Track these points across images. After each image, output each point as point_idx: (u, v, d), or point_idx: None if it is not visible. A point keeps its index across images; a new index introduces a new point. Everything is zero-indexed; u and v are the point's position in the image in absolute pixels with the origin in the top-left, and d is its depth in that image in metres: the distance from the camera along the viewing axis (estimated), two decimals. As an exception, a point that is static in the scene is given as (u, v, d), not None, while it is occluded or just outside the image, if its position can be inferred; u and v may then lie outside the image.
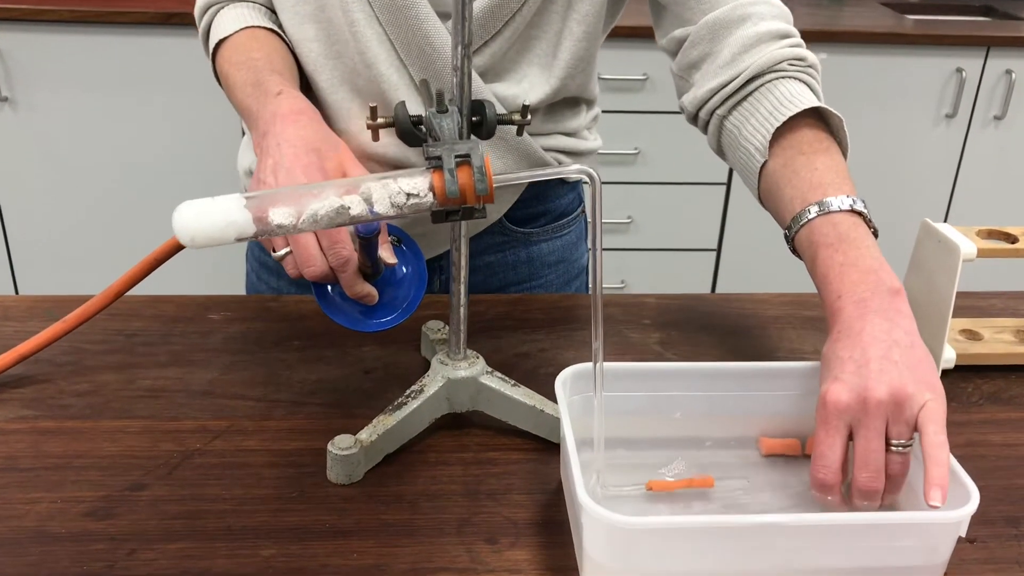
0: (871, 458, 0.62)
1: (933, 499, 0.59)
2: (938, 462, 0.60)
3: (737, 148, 0.82)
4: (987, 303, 1.02)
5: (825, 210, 0.72)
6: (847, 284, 0.68)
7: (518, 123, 0.68)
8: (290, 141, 0.70)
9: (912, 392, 0.62)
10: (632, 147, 2.27)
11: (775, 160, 0.78)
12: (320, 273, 0.68)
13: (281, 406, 0.80)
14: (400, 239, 0.74)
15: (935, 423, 0.62)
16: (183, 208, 0.52)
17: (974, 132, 2.33)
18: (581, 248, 1.11)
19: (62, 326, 0.81)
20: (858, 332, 0.65)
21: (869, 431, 0.62)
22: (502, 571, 0.63)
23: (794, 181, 0.75)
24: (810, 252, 0.72)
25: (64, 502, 0.68)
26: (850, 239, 0.70)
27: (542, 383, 0.80)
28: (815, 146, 0.77)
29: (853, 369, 0.63)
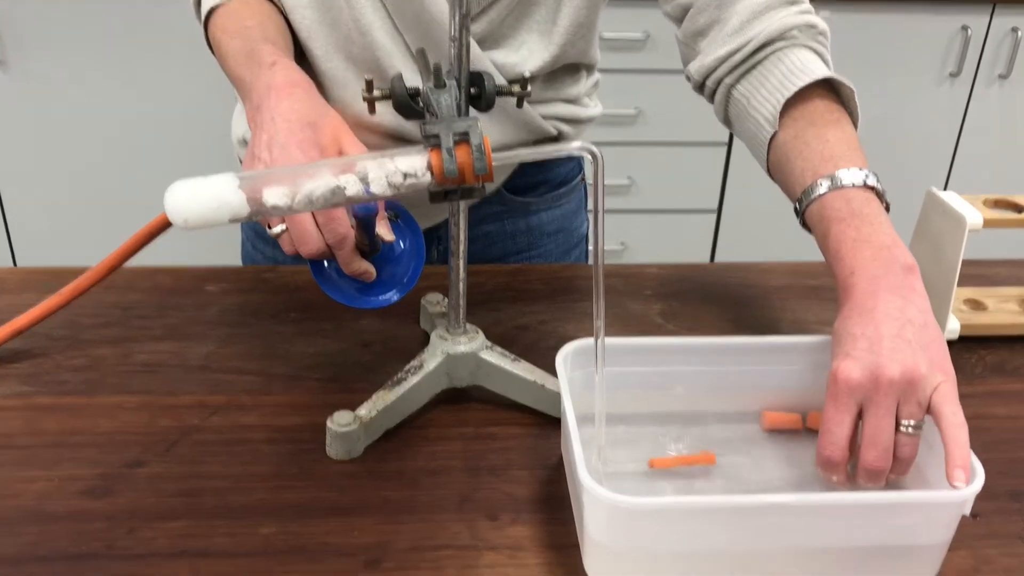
0: (880, 438, 0.61)
1: (957, 480, 0.58)
2: (959, 443, 0.59)
3: (746, 119, 0.80)
4: (992, 271, 1.01)
5: (837, 184, 0.71)
6: (860, 260, 0.67)
7: (518, 95, 0.66)
8: (284, 115, 0.68)
9: (925, 373, 0.61)
10: (632, 108, 2.25)
11: (785, 131, 0.77)
12: (316, 251, 0.67)
13: (279, 380, 0.79)
14: (397, 214, 0.73)
15: (951, 403, 0.61)
16: (175, 189, 0.51)
17: (978, 91, 2.30)
18: (581, 217, 1.09)
19: (57, 300, 0.80)
20: (871, 309, 0.64)
21: (879, 410, 0.61)
22: (503, 548, 0.63)
23: (805, 153, 0.74)
24: (822, 227, 0.71)
25: (61, 480, 0.67)
26: (863, 215, 0.69)
27: (543, 356, 0.80)
28: (826, 117, 0.75)
29: (866, 346, 0.62)
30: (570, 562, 0.62)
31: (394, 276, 0.73)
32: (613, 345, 0.69)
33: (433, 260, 1.01)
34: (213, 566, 0.61)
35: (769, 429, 0.73)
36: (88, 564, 0.61)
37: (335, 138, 0.69)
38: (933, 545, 0.60)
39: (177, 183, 0.51)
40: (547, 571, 0.61)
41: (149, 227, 0.76)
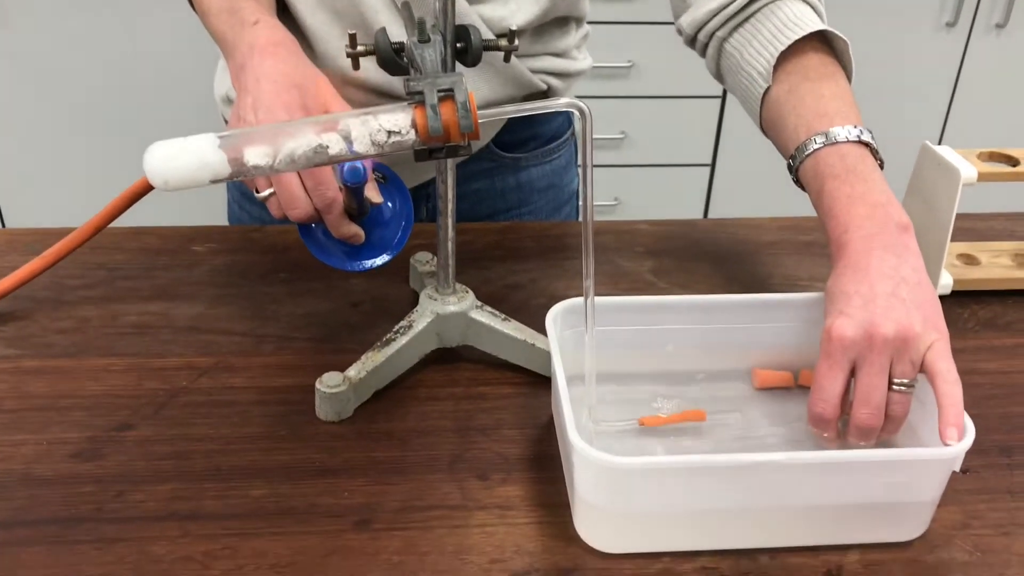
0: (873, 395, 0.61)
1: (949, 438, 0.58)
2: (953, 401, 0.59)
3: (738, 73, 0.79)
4: (986, 225, 1.00)
5: (832, 140, 0.70)
6: (854, 218, 0.66)
7: (505, 49, 0.65)
8: (269, 76, 0.67)
9: (919, 331, 0.61)
10: (625, 60, 2.22)
11: (779, 86, 0.75)
12: (305, 215, 0.66)
13: (268, 341, 0.78)
14: (385, 176, 0.72)
15: (945, 361, 0.61)
16: (153, 150, 0.50)
17: (974, 42, 2.28)
18: (572, 172, 1.08)
19: (40, 262, 0.79)
20: (865, 267, 0.64)
21: (873, 367, 0.61)
22: (493, 507, 0.63)
23: (799, 109, 0.73)
24: (815, 184, 0.70)
25: (50, 444, 0.67)
26: (857, 172, 0.68)
27: (533, 315, 0.79)
28: (820, 71, 0.74)
29: (860, 304, 0.62)
30: (560, 521, 0.62)
31: (383, 238, 0.72)
32: (603, 304, 0.69)
33: (422, 218, 1.00)
34: (203, 528, 0.61)
35: (760, 387, 0.73)
36: (78, 527, 0.60)
37: (321, 100, 0.68)
38: (923, 501, 0.60)
39: (156, 144, 0.50)
40: (537, 530, 0.61)
41: (134, 187, 0.75)
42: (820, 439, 0.65)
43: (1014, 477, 0.67)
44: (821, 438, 0.65)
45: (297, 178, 0.65)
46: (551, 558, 0.59)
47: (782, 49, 0.75)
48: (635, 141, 2.32)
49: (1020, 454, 0.69)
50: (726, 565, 0.59)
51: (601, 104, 2.24)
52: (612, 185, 2.37)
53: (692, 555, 0.60)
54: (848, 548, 0.61)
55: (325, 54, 0.87)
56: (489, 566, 0.59)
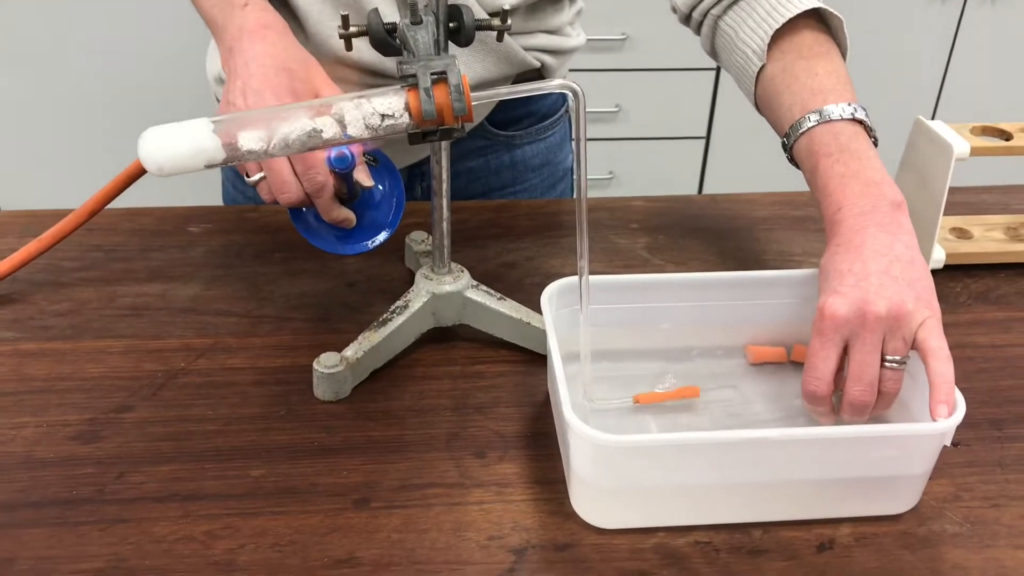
0: (865, 372, 0.62)
1: (940, 415, 0.59)
2: (944, 378, 0.60)
3: (733, 51, 0.79)
4: (979, 198, 1.01)
5: (826, 118, 0.70)
6: (848, 196, 0.66)
7: (497, 28, 0.65)
8: (258, 60, 0.67)
9: (911, 309, 0.61)
10: (619, 33, 2.21)
11: (774, 64, 0.75)
12: (295, 199, 0.66)
13: (265, 322, 0.79)
14: (376, 159, 0.72)
15: (937, 338, 0.61)
16: (148, 135, 0.50)
17: (969, 13, 2.27)
18: (566, 150, 1.08)
19: (37, 245, 0.79)
20: (858, 245, 0.64)
21: (865, 345, 0.62)
22: (491, 485, 0.64)
23: (794, 87, 0.73)
24: (810, 162, 0.70)
25: (50, 426, 0.68)
26: (851, 149, 0.68)
27: (529, 293, 0.80)
28: (815, 49, 0.74)
29: (853, 282, 0.63)
30: (557, 498, 0.63)
31: (374, 221, 0.72)
32: (598, 282, 0.69)
33: (417, 196, 1.00)
34: (204, 508, 0.61)
35: (754, 363, 0.73)
36: (80, 509, 0.61)
37: (311, 84, 0.67)
38: (915, 475, 0.61)
39: (150, 129, 0.50)
40: (534, 507, 0.62)
41: (129, 170, 0.75)
42: (814, 415, 0.66)
43: (1005, 450, 0.68)
44: (815, 414, 0.65)
45: (287, 162, 0.65)
46: (548, 534, 0.60)
47: (776, 27, 0.75)
48: (629, 114, 2.32)
49: (1011, 427, 0.70)
50: (719, 539, 0.60)
51: (595, 77, 2.24)
52: (607, 159, 2.36)
53: (686, 530, 0.61)
54: (840, 521, 0.62)
55: (317, 34, 0.86)
56: (487, 542, 0.60)
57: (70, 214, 0.79)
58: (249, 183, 0.67)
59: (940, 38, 2.29)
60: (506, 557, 0.59)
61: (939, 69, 2.33)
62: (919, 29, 2.27)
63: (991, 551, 0.60)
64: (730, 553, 0.59)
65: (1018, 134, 0.85)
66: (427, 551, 0.59)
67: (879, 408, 0.64)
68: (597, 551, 0.59)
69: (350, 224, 0.71)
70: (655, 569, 0.58)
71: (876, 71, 2.28)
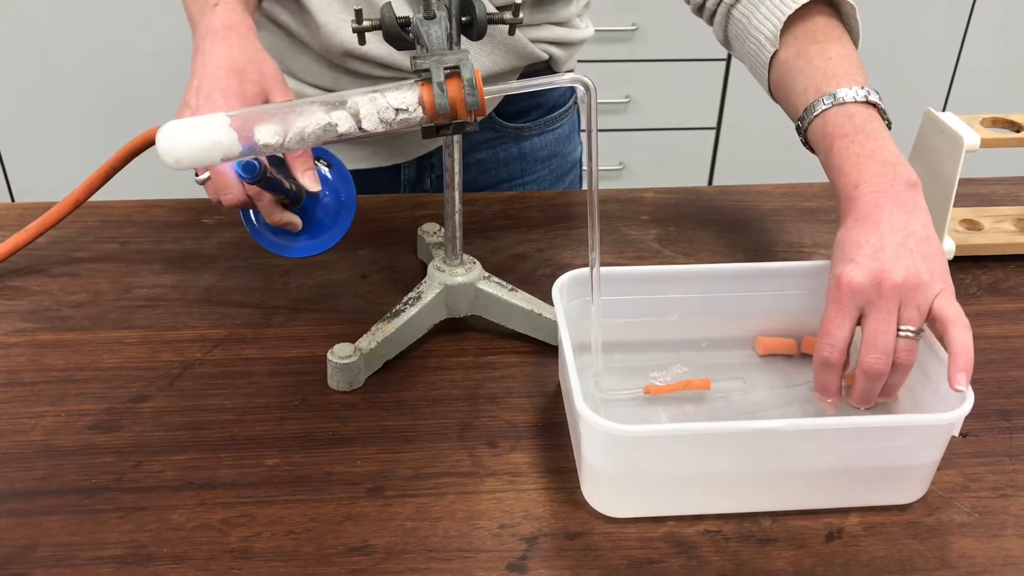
0: (880, 340, 0.62)
1: (959, 384, 0.59)
2: (964, 347, 0.60)
3: (746, 38, 0.79)
4: (989, 189, 1.01)
5: (839, 101, 0.70)
6: (865, 175, 0.67)
7: (509, 22, 0.65)
8: (215, 61, 0.67)
9: (927, 280, 0.62)
10: (630, 23, 2.21)
11: (786, 50, 0.76)
12: (237, 201, 0.67)
13: (279, 313, 0.80)
14: (329, 163, 0.72)
15: (954, 308, 0.62)
16: (167, 129, 0.51)
17: (981, 3, 2.26)
18: (574, 141, 1.09)
19: (24, 235, 0.81)
20: (876, 220, 0.65)
21: (881, 313, 0.62)
22: (503, 474, 0.65)
23: (807, 71, 0.73)
24: (824, 144, 0.71)
25: (68, 416, 0.69)
26: (866, 131, 0.69)
27: (540, 284, 0.80)
28: (828, 34, 0.74)
29: (870, 253, 0.63)
30: (568, 487, 0.64)
31: (322, 225, 0.72)
32: (609, 274, 0.70)
33: (427, 188, 1.01)
34: (220, 497, 0.62)
35: (764, 354, 0.74)
36: (99, 497, 0.62)
37: (262, 88, 0.67)
38: (923, 465, 0.62)
39: (169, 124, 0.51)
40: (546, 496, 0.63)
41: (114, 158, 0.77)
42: (821, 403, 0.66)
43: (1013, 440, 0.68)
44: (824, 404, 0.66)
45: (231, 164, 0.66)
46: (559, 522, 0.61)
47: (789, 14, 0.75)
48: (640, 105, 2.32)
49: (1019, 418, 0.70)
50: (729, 528, 0.61)
51: (606, 68, 2.23)
52: (617, 150, 2.36)
53: (696, 519, 0.61)
54: (849, 511, 0.62)
55: (326, 26, 0.87)
56: (499, 531, 0.60)
57: (55, 205, 0.81)
58: (196, 182, 0.68)
59: (951, 28, 2.28)
60: (517, 545, 0.59)
61: (951, 60, 2.32)
62: (930, 19, 2.26)
63: (999, 540, 0.60)
64: (739, 542, 0.60)
65: (1029, 126, 0.85)
66: (440, 539, 0.60)
67: (891, 385, 0.64)
68: (608, 540, 0.60)
69: (294, 228, 0.70)
70: (665, 557, 0.59)
71: (887, 62, 2.27)
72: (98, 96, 2.15)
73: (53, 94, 2.14)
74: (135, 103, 2.16)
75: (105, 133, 2.18)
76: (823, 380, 0.65)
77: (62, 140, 2.19)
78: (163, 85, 2.13)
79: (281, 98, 0.68)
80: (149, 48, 2.11)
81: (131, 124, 2.10)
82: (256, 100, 0.67)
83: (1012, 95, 2.37)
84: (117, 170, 0.79)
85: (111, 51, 2.11)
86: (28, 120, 2.17)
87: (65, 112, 2.16)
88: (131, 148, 0.77)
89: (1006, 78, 2.36)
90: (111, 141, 2.20)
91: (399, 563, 0.58)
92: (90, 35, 2.08)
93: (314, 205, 0.72)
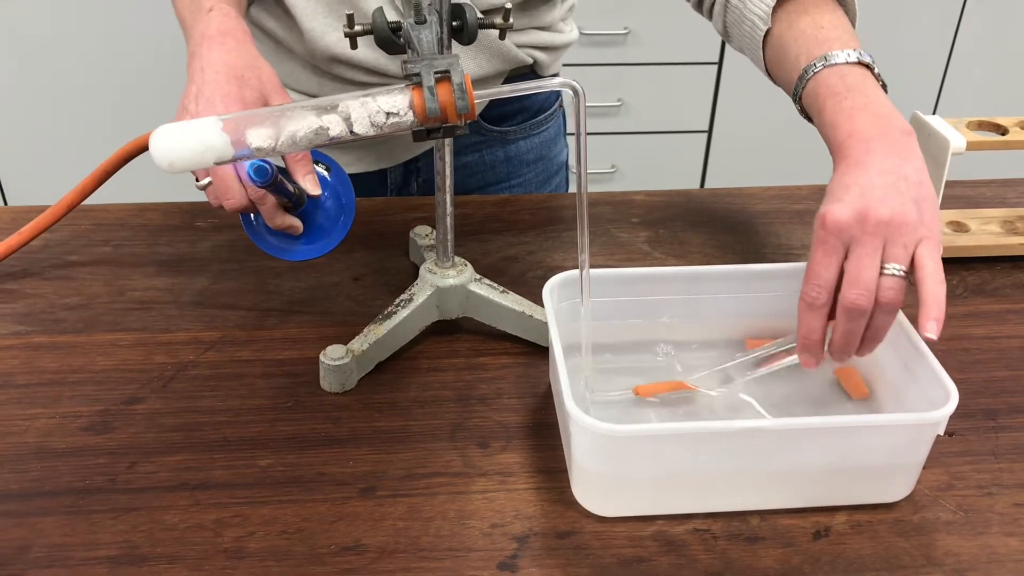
0: (863, 275, 0.60)
1: (928, 331, 0.58)
2: (937, 299, 0.59)
3: (742, 22, 0.79)
4: (976, 192, 1.02)
5: (831, 63, 0.70)
6: (858, 125, 0.66)
7: (500, 27, 0.66)
8: (214, 67, 0.67)
9: (914, 220, 0.61)
10: (621, 27, 2.21)
11: (779, 25, 0.76)
12: (239, 205, 0.67)
13: (272, 315, 0.80)
14: (329, 167, 0.72)
15: (934, 261, 0.60)
16: (159, 133, 0.51)
17: (970, 7, 2.27)
18: (560, 144, 1.09)
19: (17, 239, 0.82)
20: (866, 164, 0.63)
21: (865, 248, 0.60)
22: (494, 474, 0.65)
23: (800, 40, 0.73)
24: (817, 105, 0.70)
25: (62, 417, 0.69)
26: (858, 88, 0.68)
27: (531, 287, 0.81)
28: (820, 6, 0.74)
29: (858, 193, 0.62)
30: (558, 486, 0.64)
31: (322, 228, 0.73)
32: (599, 275, 0.71)
33: (413, 192, 1.02)
34: (213, 497, 0.63)
35: (752, 354, 0.75)
36: (93, 498, 0.63)
37: (261, 93, 0.68)
38: (909, 464, 0.63)
39: (161, 127, 0.52)
40: (537, 496, 0.64)
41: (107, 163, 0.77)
42: (805, 363, 0.65)
43: (999, 440, 0.69)
44: (805, 361, 0.64)
45: (232, 170, 0.66)
46: (550, 522, 0.62)
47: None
48: (632, 108, 2.33)
49: (1005, 417, 0.71)
50: (718, 527, 0.62)
51: (597, 72, 2.24)
52: (609, 153, 2.37)
53: (685, 518, 0.62)
54: (836, 509, 0.63)
55: (311, 31, 0.88)
56: (490, 530, 0.61)
57: (48, 209, 0.82)
58: (197, 187, 0.68)
59: (941, 33, 2.30)
60: (508, 544, 0.60)
61: (941, 62, 2.34)
62: (920, 24, 2.27)
63: (984, 538, 0.61)
64: (728, 540, 0.61)
65: (1014, 128, 0.86)
66: (431, 538, 0.60)
67: (874, 328, 0.62)
68: (597, 538, 0.61)
69: (296, 231, 0.71)
70: (654, 556, 0.59)
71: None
72: (91, 100, 2.15)
73: (46, 98, 2.14)
74: (128, 107, 2.16)
75: (98, 137, 2.18)
76: (808, 324, 0.63)
77: (55, 144, 2.19)
78: (156, 89, 2.13)
79: (280, 102, 0.68)
80: (142, 52, 2.11)
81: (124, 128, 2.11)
82: (256, 105, 0.68)
83: (1001, 99, 2.38)
84: (111, 174, 0.80)
85: (104, 55, 2.11)
86: (21, 124, 2.17)
87: (58, 116, 2.17)
88: (125, 152, 0.77)
89: (995, 82, 2.38)
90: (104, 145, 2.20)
91: (391, 562, 0.59)
92: (83, 39, 2.09)
93: (314, 209, 0.73)
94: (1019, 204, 0.99)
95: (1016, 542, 0.61)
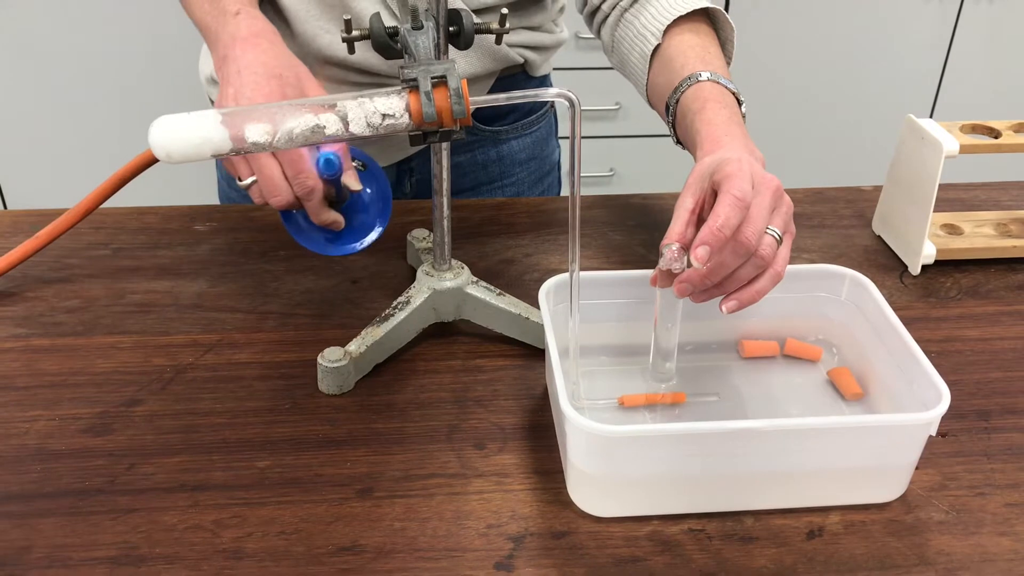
0: (759, 223, 0.64)
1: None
2: (761, 289, 0.66)
3: (635, 37, 0.87)
4: (970, 195, 1.02)
5: (715, 79, 0.78)
6: (733, 129, 0.74)
7: (496, 31, 0.67)
8: (251, 68, 0.68)
9: (786, 198, 0.67)
10: (619, 31, 2.22)
11: (669, 40, 0.84)
12: (285, 203, 0.68)
13: (270, 318, 0.81)
14: (364, 164, 0.73)
15: (788, 250, 0.67)
16: (159, 123, 0.52)
17: (967, 11, 2.28)
18: (552, 143, 1.10)
19: (35, 243, 0.81)
20: (728, 144, 0.71)
21: (765, 200, 0.65)
22: (491, 475, 0.66)
23: (689, 53, 0.82)
24: (698, 103, 0.77)
25: (62, 420, 0.70)
26: (733, 108, 0.76)
27: (528, 289, 0.82)
28: (704, 35, 0.83)
29: (749, 160, 0.67)
30: (554, 487, 0.65)
31: (363, 223, 0.73)
32: (594, 278, 0.71)
33: (406, 192, 1.02)
34: (212, 498, 0.63)
35: (747, 357, 0.75)
36: (93, 499, 0.63)
37: (301, 91, 0.69)
38: (902, 464, 0.63)
39: (161, 118, 0.52)
40: (533, 496, 0.64)
41: (130, 166, 0.77)
42: (679, 290, 0.66)
43: (991, 440, 0.70)
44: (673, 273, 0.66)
45: (278, 167, 0.67)
46: (546, 522, 0.62)
47: (678, 15, 0.82)
48: (630, 111, 2.33)
49: (997, 418, 0.72)
50: (712, 527, 0.62)
51: (597, 76, 2.25)
52: (608, 156, 2.38)
53: (679, 518, 0.63)
54: (829, 509, 0.63)
55: (303, 34, 0.88)
56: (487, 531, 0.61)
57: (68, 210, 0.81)
58: (241, 187, 0.69)
59: (937, 37, 2.31)
60: (504, 544, 0.60)
61: (937, 67, 2.34)
62: (916, 28, 2.28)
63: (976, 538, 0.62)
64: (722, 540, 0.61)
65: (1006, 132, 0.87)
66: (428, 539, 0.61)
67: (735, 281, 0.66)
68: (593, 539, 0.61)
69: (339, 226, 0.72)
70: (649, 556, 0.60)
71: (873, 70, 2.29)
72: (92, 103, 2.16)
73: (46, 101, 2.15)
74: (128, 111, 2.16)
75: (98, 141, 2.19)
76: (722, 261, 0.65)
77: (55, 148, 2.20)
78: (157, 93, 2.14)
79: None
80: (144, 55, 2.12)
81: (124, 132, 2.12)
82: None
83: (997, 103, 2.39)
84: (127, 181, 0.79)
85: (105, 58, 2.12)
86: (21, 127, 2.17)
87: (58, 119, 2.17)
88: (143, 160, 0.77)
89: (992, 86, 2.38)
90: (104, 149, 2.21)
91: (388, 562, 0.59)
92: (84, 42, 2.09)
93: (355, 203, 0.74)
94: (1013, 207, 1.00)
95: (1008, 542, 0.62)
